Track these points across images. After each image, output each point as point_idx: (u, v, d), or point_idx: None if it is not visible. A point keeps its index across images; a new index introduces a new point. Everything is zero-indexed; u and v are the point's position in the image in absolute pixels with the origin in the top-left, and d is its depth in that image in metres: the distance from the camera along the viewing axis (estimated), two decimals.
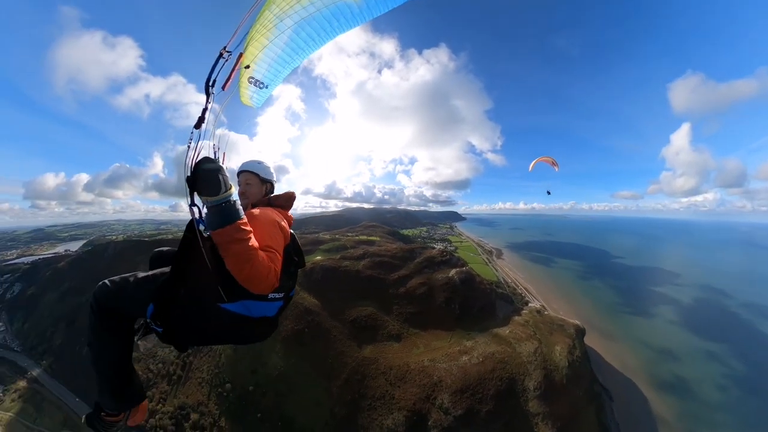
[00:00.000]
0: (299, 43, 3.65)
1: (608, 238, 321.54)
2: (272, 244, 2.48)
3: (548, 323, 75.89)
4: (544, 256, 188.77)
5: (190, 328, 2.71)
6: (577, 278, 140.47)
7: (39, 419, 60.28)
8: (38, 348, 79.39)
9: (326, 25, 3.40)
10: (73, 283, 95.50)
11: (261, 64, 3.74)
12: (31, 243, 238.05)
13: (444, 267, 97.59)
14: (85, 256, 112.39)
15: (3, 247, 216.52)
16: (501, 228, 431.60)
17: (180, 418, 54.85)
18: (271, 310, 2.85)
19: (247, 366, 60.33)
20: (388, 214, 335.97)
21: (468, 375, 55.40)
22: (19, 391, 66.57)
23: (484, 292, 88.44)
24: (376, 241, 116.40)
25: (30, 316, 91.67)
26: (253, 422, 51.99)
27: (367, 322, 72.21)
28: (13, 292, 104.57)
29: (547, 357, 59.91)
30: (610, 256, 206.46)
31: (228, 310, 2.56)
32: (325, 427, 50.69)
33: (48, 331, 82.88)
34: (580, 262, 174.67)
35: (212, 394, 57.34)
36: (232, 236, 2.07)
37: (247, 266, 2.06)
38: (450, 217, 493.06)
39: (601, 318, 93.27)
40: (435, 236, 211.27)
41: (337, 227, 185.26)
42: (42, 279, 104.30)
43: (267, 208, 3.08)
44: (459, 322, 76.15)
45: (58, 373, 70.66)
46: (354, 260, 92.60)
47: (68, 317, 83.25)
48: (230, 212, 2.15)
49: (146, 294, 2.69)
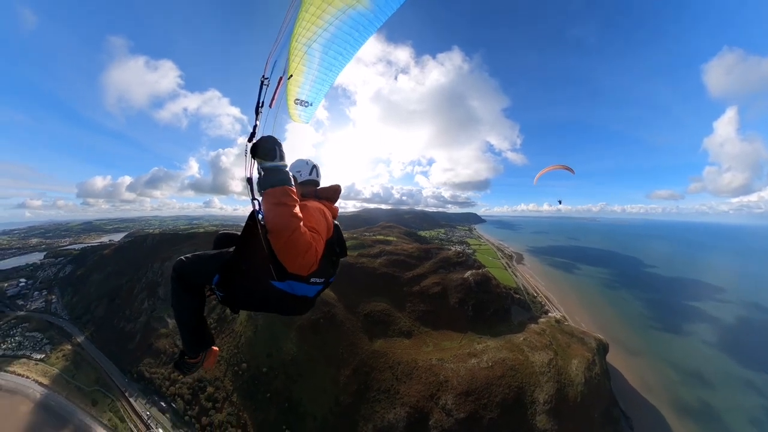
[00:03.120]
0: (330, 61, 3.98)
1: (641, 245, 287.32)
2: (317, 227, 2.67)
3: (567, 334, 70.16)
4: (568, 263, 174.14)
5: (244, 296, 3.25)
6: (603, 288, 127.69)
7: (77, 376, 67.69)
8: (83, 318, 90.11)
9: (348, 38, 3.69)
10: (115, 267, 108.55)
11: (303, 86, 4.18)
12: (81, 233, 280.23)
13: (460, 268, 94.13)
14: (126, 245, 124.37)
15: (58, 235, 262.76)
16: (523, 231, 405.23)
17: (197, 389, 58.41)
18: (310, 292, 3.23)
19: (263, 349, 62.09)
20: (406, 215, 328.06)
21: (475, 378, 52.51)
22: (64, 352, 75.57)
23: (499, 296, 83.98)
24: (392, 241, 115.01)
25: (78, 292, 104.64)
26: (263, 401, 53.60)
27: (379, 317, 71.34)
28: (65, 271, 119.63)
29: (562, 370, 55.09)
30: (642, 265, 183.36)
31: (275, 287, 2.95)
32: (328, 413, 50.64)
33: (92, 305, 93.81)
34: (607, 270, 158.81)
35: (228, 371, 59.95)
36: (279, 198, 2.23)
37: (286, 232, 2.11)
38: (469, 219, 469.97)
39: (627, 333, 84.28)
40: (453, 238, 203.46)
41: (355, 227, 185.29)
42: (89, 262, 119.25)
43: (314, 200, 3.44)
44: (471, 325, 72.94)
45: (97, 340, 79.81)
46: (371, 257, 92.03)
47: (109, 295, 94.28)
48: (281, 176, 2.35)
49: (214, 267, 3.21)
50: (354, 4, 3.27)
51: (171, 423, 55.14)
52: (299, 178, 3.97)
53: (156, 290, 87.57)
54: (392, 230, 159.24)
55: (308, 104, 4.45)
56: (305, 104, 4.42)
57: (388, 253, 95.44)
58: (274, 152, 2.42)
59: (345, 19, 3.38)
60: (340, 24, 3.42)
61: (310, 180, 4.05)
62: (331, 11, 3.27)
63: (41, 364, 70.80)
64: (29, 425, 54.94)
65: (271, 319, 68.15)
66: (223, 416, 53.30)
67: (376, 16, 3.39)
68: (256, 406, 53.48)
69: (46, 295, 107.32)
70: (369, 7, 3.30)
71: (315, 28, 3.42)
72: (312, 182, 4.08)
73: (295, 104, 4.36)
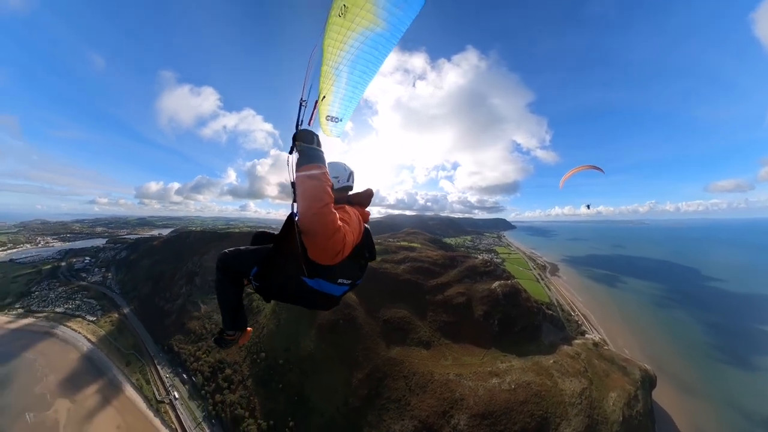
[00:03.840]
0: (356, 80, 4.35)
1: (701, 252, 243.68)
2: (349, 221, 2.77)
3: (606, 361, 62.93)
4: (611, 275, 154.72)
5: (277, 288, 3.55)
6: (654, 306, 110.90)
7: (118, 339, 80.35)
8: (130, 294, 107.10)
9: (370, 57, 4.01)
10: (161, 256, 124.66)
11: (333, 104, 4.55)
12: (136, 226, 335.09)
13: (486, 278, 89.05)
14: (172, 239, 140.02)
15: (118, 227, 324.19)
16: (557, 238, 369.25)
17: (217, 369, 63.90)
18: (337, 291, 3.46)
19: (283, 342, 64.48)
20: (431, 221, 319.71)
21: (494, 400, 48.85)
22: (111, 318, 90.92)
23: (529, 311, 77.83)
24: (417, 248, 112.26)
25: (129, 272, 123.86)
26: (274, 390, 55.84)
27: (399, 323, 69.81)
28: (121, 255, 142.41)
29: (596, 403, 49.21)
30: (703, 278, 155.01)
31: (306, 283, 3.19)
32: (336, 413, 50.55)
33: (139, 284, 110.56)
34: (658, 285, 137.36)
35: (248, 358, 63.67)
36: (312, 174, 2.35)
37: (316, 204, 2.14)
38: (497, 225, 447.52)
39: (682, 365, 72.68)
40: (480, 246, 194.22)
41: (379, 233, 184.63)
42: (141, 250, 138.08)
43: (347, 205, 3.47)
44: (496, 341, 68.39)
45: (139, 313, 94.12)
46: (394, 263, 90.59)
47: (154, 278, 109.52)
48: (317, 156, 2.58)
49: (253, 260, 3.59)
50: (372, 27, 3.59)
51: (188, 394, 61.42)
52: (336, 184, 4.06)
53: (193, 279, 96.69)
54: (417, 237, 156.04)
55: (338, 120, 4.85)
56: (336, 120, 4.82)
57: (412, 260, 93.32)
58: (312, 138, 2.74)
59: (365, 41, 3.73)
60: (361, 46, 3.77)
61: (346, 186, 4.20)
62: (353, 35, 3.63)
63: (92, 325, 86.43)
64: (74, 370, 68.17)
65: (293, 315, 70.09)
66: (236, 397, 56.69)
67: (392, 34, 3.74)
68: (268, 394, 55.80)
69: (104, 272, 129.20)
70: (385, 28, 3.64)
71: (339, 52, 3.78)
72: (347, 188, 4.23)
73: (327, 121, 4.74)
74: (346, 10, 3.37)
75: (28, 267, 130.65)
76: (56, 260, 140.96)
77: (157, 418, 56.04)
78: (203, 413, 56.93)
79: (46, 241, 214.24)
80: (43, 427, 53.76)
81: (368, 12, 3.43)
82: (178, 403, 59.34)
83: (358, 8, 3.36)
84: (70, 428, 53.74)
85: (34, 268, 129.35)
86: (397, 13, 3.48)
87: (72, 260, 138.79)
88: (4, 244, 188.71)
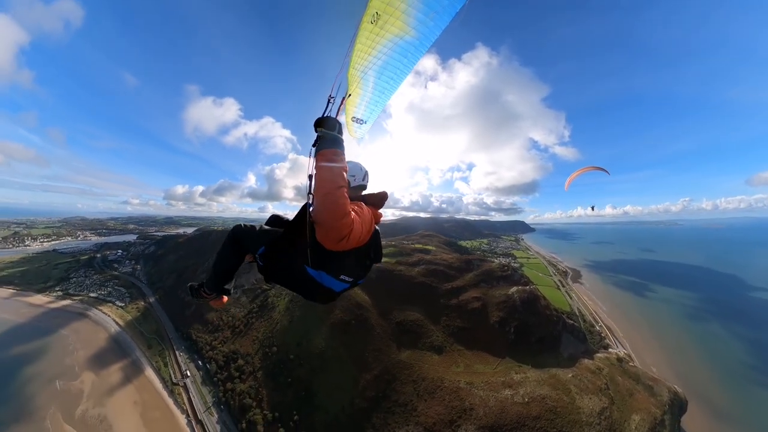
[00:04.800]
0: (384, 85, 4.48)
1: (743, 256, 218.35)
2: (361, 214, 2.93)
3: (631, 379, 59.00)
4: (639, 282, 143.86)
5: (279, 271, 3.62)
6: (687, 319, 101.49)
7: (142, 324, 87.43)
8: (156, 284, 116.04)
9: (398, 65, 4.10)
10: (185, 252, 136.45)
11: (359, 106, 4.79)
12: (164, 225, 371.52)
13: (503, 283, 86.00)
14: (195, 237, 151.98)
15: (148, 224, 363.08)
16: (580, 241, 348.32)
17: (230, 359, 66.87)
18: (337, 287, 3.47)
19: (295, 338, 65.90)
20: (446, 223, 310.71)
21: (505, 413, 46.93)
22: (138, 306, 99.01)
23: (548, 319, 74.37)
24: (431, 251, 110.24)
25: (155, 265, 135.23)
26: (283, 383, 57.27)
27: (411, 327, 68.95)
28: (149, 250, 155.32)
29: (616, 425, 46.08)
30: (745, 287, 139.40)
31: (308, 272, 3.29)
32: (340, 411, 50.76)
33: (164, 276, 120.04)
34: (692, 294, 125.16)
35: (260, 351, 65.92)
36: (331, 157, 2.48)
37: (330, 185, 2.32)
38: (515, 228, 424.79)
39: (717, 386, 66.33)
40: (497, 250, 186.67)
41: (393, 235, 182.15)
42: (167, 246, 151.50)
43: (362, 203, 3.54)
44: (511, 350, 65.88)
45: (162, 303, 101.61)
46: (409, 266, 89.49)
47: (178, 272, 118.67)
48: (337, 142, 2.67)
49: (262, 240, 3.76)
50: (402, 35, 3.66)
51: (201, 379, 64.84)
52: (353, 182, 4.18)
53: None
54: (431, 239, 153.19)
55: (363, 122, 5.01)
56: (360, 122, 4.99)
57: (426, 262, 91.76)
58: (335, 125, 2.76)
59: (395, 48, 3.81)
60: (390, 53, 3.86)
61: (361, 185, 4.31)
62: (383, 42, 3.69)
63: (120, 310, 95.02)
64: (101, 348, 75.45)
65: (306, 312, 70.99)
66: (245, 387, 58.71)
67: (422, 43, 3.77)
68: (276, 386, 57.25)
69: (133, 264, 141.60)
70: (415, 36, 3.70)
71: (369, 57, 3.87)
72: (362, 187, 4.33)
73: (352, 121, 4.94)
74: (378, 18, 3.47)
75: (68, 256, 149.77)
76: (92, 252, 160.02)
77: (171, 398, 59.83)
78: (213, 399, 59.73)
79: (85, 235, 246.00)
80: (68, 394, 59.99)
81: (400, 20, 3.51)
82: (191, 386, 62.81)
83: (389, 16, 3.46)
84: (93, 398, 59.30)
85: (73, 257, 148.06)
86: (428, 23, 3.54)
87: (106, 252, 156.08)
88: (49, 237, 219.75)
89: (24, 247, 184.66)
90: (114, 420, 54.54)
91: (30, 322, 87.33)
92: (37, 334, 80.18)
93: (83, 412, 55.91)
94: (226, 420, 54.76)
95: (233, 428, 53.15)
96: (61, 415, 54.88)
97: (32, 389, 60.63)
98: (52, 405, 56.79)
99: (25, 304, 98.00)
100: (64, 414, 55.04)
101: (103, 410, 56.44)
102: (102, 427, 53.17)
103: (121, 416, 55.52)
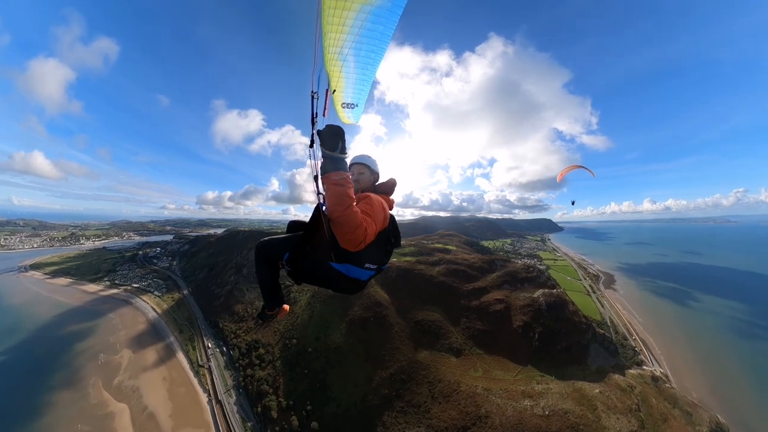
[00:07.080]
0: (365, 60, 4.14)
1: None
2: (371, 213, 3.14)
3: (666, 401, 54.45)
4: (680, 289, 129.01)
5: (307, 272, 3.84)
6: (735, 334, 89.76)
7: (176, 312, 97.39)
8: (189, 278, 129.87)
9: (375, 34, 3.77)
10: (215, 250, 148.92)
11: (345, 90, 4.42)
12: (197, 226, 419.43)
13: (528, 285, 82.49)
14: (225, 237, 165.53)
15: (182, 226, 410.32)
16: (614, 241, 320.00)
17: (252, 347, 71.14)
18: (363, 276, 3.66)
19: (314, 332, 67.76)
20: (467, 222, 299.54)
21: (522, 425, 44.97)
22: (173, 296, 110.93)
23: (576, 327, 70.18)
24: (452, 250, 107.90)
25: (189, 261, 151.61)
26: (299, 374, 59.65)
27: (430, 327, 68.23)
28: (184, 248, 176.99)
29: None
30: None
31: (333, 268, 3.47)
32: (352, 406, 51.42)
33: (197, 271, 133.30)
34: (743, 305, 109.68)
35: (280, 342, 69.13)
36: (336, 181, 2.64)
37: (340, 208, 2.57)
38: (541, 227, 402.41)
39: None
40: (521, 250, 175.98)
41: (413, 235, 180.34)
42: (199, 245, 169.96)
43: (374, 194, 3.75)
44: (534, 357, 63.17)
45: (195, 294, 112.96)
46: (429, 265, 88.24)
47: (209, 267, 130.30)
48: (339, 164, 2.75)
49: (285, 247, 3.98)
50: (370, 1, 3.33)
51: (224, 364, 70.25)
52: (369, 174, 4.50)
53: (241, 270, 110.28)
54: (452, 239, 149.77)
55: (354, 105, 4.77)
56: (352, 106, 4.75)
57: (447, 262, 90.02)
58: (336, 144, 2.77)
59: (366, 18, 3.50)
60: (362, 24, 3.54)
61: (376, 171, 4.58)
62: (351, 15, 3.39)
63: (158, 299, 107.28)
64: (142, 331, 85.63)
65: (326, 308, 72.57)
66: (264, 374, 61.79)
67: (394, 4, 3.46)
68: (293, 376, 59.62)
69: (170, 260, 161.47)
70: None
71: (341, 35, 3.58)
72: (376, 180, 4.59)
73: (343, 108, 4.73)
74: None
75: (115, 253, 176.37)
76: (135, 249, 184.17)
77: (196, 378, 65.85)
78: (234, 382, 63.79)
79: (129, 236, 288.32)
80: (109, 366, 69.65)
81: None
82: (215, 369, 67.97)
83: None
84: (129, 371, 68.06)
85: (119, 254, 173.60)
86: None
87: (147, 250, 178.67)
88: (100, 237, 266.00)
89: (79, 245, 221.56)
90: (144, 391, 61.76)
91: (83, 305, 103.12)
92: (88, 316, 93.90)
93: (120, 382, 64.16)
94: (243, 403, 58.10)
95: (249, 411, 56.22)
96: (102, 383, 63.43)
97: (81, 361, 70.83)
98: (95, 374, 66.01)
99: (80, 291, 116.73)
100: (104, 382, 63.66)
101: (137, 382, 64.23)
102: (134, 396, 60.44)
103: (151, 389, 62.51)
